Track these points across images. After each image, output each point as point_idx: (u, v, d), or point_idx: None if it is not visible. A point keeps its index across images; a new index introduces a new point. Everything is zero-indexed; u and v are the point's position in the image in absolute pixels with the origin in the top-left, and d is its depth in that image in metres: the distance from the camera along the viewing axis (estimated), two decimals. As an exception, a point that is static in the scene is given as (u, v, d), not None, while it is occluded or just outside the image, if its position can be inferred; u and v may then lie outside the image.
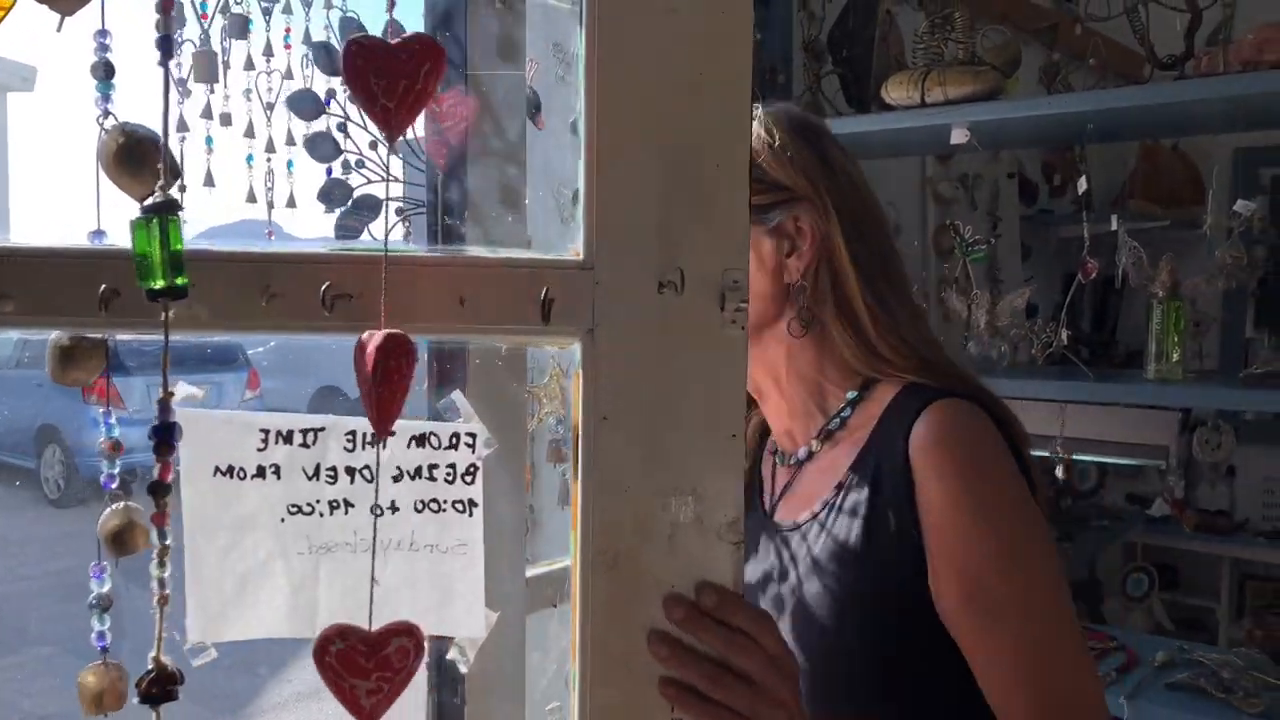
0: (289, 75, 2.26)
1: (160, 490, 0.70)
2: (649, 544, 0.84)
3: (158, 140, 0.84)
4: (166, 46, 0.70)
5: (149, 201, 0.68)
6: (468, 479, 0.88)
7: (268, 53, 2.23)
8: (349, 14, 2.37)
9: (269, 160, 2.18)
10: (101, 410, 0.89)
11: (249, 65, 2.24)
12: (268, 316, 0.79)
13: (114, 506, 0.90)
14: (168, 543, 0.71)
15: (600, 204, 0.81)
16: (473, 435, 0.88)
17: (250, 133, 2.19)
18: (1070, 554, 3.89)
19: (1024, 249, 4.12)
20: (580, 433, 0.83)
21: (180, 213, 0.68)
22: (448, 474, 0.87)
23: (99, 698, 0.85)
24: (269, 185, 2.21)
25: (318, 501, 0.87)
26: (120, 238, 0.85)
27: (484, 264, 0.83)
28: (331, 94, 2.44)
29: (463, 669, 0.94)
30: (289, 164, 2.17)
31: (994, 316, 2.76)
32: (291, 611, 0.89)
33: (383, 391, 0.69)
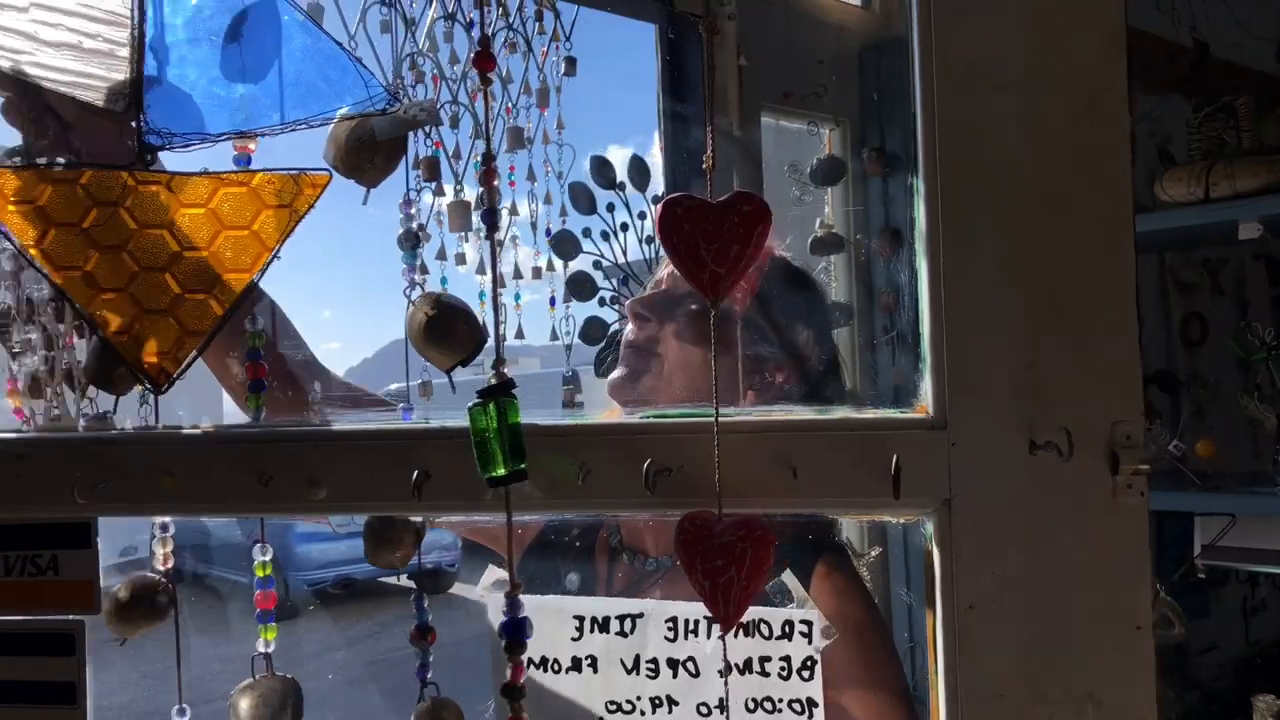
0: (514, 211, 2.38)
1: (514, 693, 0.65)
2: (1037, 763, 0.70)
3: (467, 310, 0.83)
4: (491, 220, 0.68)
5: (485, 385, 0.64)
6: (804, 675, 0.78)
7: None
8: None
9: (500, 294, 2.29)
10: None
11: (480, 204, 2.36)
12: (585, 495, 0.73)
13: (425, 703, 0.85)
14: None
15: (952, 348, 0.71)
16: (808, 623, 0.78)
17: (481, 269, 2.32)
18: None
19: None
20: (938, 625, 0.72)
21: (515, 390, 0.64)
22: (781, 669, 0.77)
23: None
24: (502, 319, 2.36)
25: (638, 698, 0.80)
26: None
27: (815, 426, 0.74)
28: (586, 232, 2.55)
29: None
30: (516, 296, 2.32)
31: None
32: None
33: (748, 588, 0.62)
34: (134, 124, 0.80)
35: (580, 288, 2.35)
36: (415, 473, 0.74)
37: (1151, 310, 3.11)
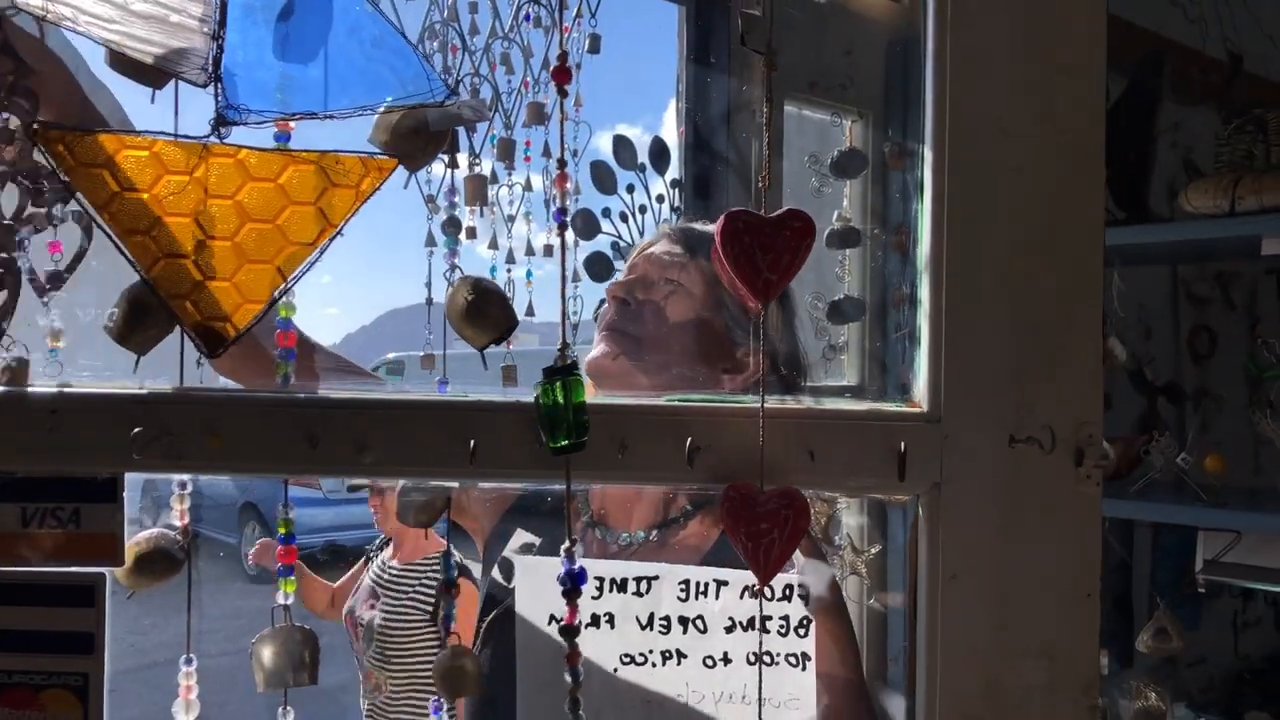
0: (528, 187, 2.45)
1: (571, 633, 0.80)
2: (1000, 709, 0.86)
3: (503, 295, 0.97)
4: (562, 220, 0.83)
5: (553, 365, 0.79)
6: (800, 632, 0.94)
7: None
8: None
9: (509, 271, 2.37)
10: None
11: (494, 179, 2.42)
12: (623, 468, 0.87)
13: (450, 648, 0.99)
14: (580, 680, 0.80)
15: (950, 352, 0.86)
16: (805, 587, 0.94)
17: (494, 244, 2.40)
18: None
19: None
20: (922, 591, 0.88)
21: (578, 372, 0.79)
22: (780, 627, 0.93)
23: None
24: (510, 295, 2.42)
25: (650, 651, 0.95)
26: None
27: (829, 415, 0.89)
28: (605, 212, 2.67)
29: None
30: (528, 273, 2.41)
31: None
32: (621, 764, 0.97)
33: (787, 549, 0.79)
34: (214, 98, 0.93)
35: (597, 268, 2.51)
36: (472, 441, 0.88)
37: (1162, 322, 3.28)
